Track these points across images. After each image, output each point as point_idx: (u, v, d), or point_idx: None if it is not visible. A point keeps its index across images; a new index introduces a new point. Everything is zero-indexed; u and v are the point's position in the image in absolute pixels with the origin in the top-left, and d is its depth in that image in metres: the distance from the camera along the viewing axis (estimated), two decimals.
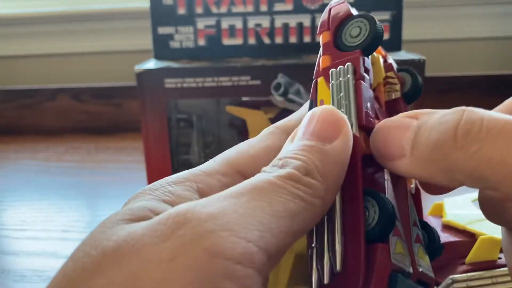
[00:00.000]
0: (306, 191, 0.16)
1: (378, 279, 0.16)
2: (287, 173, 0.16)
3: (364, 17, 0.20)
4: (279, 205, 0.15)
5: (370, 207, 0.17)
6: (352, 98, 0.18)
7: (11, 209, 0.61)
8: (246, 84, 0.54)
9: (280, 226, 0.15)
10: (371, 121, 0.18)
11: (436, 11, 0.92)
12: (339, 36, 0.21)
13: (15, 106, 0.96)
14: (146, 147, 0.55)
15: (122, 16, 0.94)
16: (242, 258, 0.14)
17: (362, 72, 0.19)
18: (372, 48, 0.20)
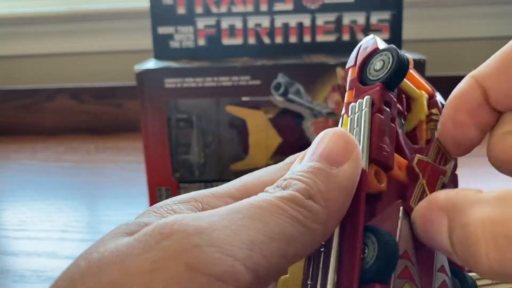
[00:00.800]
0: (307, 216, 0.15)
1: None
2: (289, 195, 0.16)
3: (388, 50, 0.20)
4: (276, 227, 0.15)
5: (370, 244, 0.16)
6: (366, 130, 0.18)
7: (11, 209, 0.61)
8: (246, 84, 0.54)
9: (273, 248, 0.15)
10: (385, 155, 0.18)
11: (436, 11, 0.92)
12: (364, 71, 0.20)
13: (15, 106, 0.96)
14: (146, 147, 0.55)
15: (122, 16, 0.94)
16: (225, 276, 0.14)
17: (381, 106, 0.18)
18: (395, 80, 0.19)
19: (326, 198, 0.16)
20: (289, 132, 0.58)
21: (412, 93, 0.21)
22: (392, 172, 0.18)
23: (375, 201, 0.17)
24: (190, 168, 0.60)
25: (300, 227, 0.15)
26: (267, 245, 0.15)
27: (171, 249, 0.14)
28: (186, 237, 0.14)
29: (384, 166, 0.18)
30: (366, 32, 0.60)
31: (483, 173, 0.65)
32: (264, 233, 0.15)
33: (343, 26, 0.60)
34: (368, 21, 0.60)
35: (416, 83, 0.22)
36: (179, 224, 0.14)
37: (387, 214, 0.18)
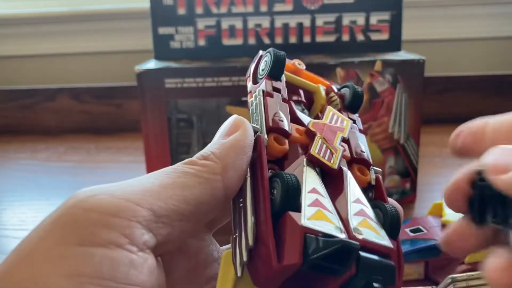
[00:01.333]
0: (200, 170, 0.19)
1: (290, 241, 0.17)
2: (187, 160, 0.20)
3: (267, 52, 0.25)
4: (168, 179, 0.19)
5: (276, 185, 0.19)
6: (261, 110, 0.22)
7: (11, 209, 0.61)
8: (246, 84, 0.54)
9: (169, 194, 0.18)
10: (280, 123, 0.22)
11: (436, 11, 0.92)
12: (256, 76, 0.26)
13: (15, 106, 0.96)
14: (146, 147, 0.55)
15: (122, 16, 0.94)
16: (120, 212, 0.16)
17: (269, 91, 0.23)
18: (276, 70, 0.24)
19: (219, 156, 0.20)
20: None
21: (309, 87, 0.27)
22: (293, 137, 0.22)
23: (282, 161, 0.21)
24: None
25: (195, 178, 0.19)
26: (162, 191, 0.18)
27: (70, 203, 0.17)
28: (85, 193, 0.17)
29: (281, 132, 0.22)
30: (366, 32, 0.60)
31: None
32: (157, 184, 0.18)
33: (343, 27, 0.60)
34: (367, 21, 0.60)
35: (312, 79, 0.28)
36: (82, 189, 0.18)
37: (293, 166, 0.22)
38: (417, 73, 0.54)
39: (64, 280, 0.15)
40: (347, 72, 0.54)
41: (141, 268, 0.16)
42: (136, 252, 0.16)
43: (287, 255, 0.17)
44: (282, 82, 0.25)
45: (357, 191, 0.21)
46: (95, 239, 0.16)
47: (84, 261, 0.15)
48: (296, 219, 0.17)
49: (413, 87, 0.54)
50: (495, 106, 0.89)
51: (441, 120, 0.84)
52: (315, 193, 0.19)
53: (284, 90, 0.25)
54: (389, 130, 0.55)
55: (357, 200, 0.21)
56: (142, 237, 0.17)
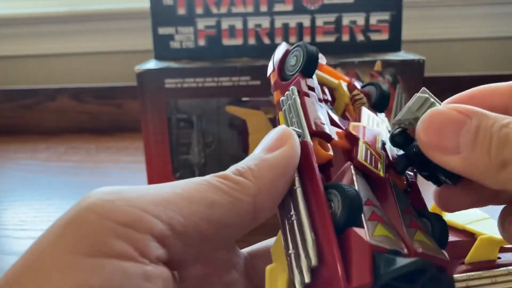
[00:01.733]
0: (233, 187, 0.18)
1: (358, 260, 0.16)
2: (221, 174, 0.18)
3: (297, 46, 0.23)
4: (195, 193, 0.17)
5: (334, 198, 0.17)
6: (300, 112, 0.20)
7: (11, 209, 0.61)
8: (246, 84, 0.54)
9: (192, 210, 0.17)
10: (322, 126, 0.20)
11: (436, 11, 0.92)
12: (283, 71, 0.23)
13: (15, 106, 0.96)
14: (146, 147, 0.55)
15: (122, 16, 0.94)
16: (133, 224, 0.15)
17: (305, 90, 0.21)
18: (309, 67, 0.22)
19: (256, 175, 0.18)
20: None
21: (331, 84, 0.25)
22: (334, 142, 0.20)
23: (328, 168, 0.20)
24: (190, 168, 0.60)
25: (225, 196, 0.17)
26: (185, 206, 0.17)
27: (84, 205, 0.16)
28: (101, 196, 0.16)
29: (324, 136, 0.20)
30: (366, 32, 0.60)
31: None
32: (183, 197, 0.17)
33: (343, 27, 0.60)
34: (367, 21, 0.60)
35: (333, 75, 0.26)
36: (97, 190, 0.16)
37: (341, 173, 0.20)
38: (417, 73, 0.54)
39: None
40: (347, 72, 0.54)
41: (155, 281, 0.16)
42: (149, 264, 0.16)
43: (356, 275, 0.16)
44: (315, 80, 0.23)
45: (403, 200, 0.20)
46: (106, 249, 0.15)
47: (94, 272, 0.15)
48: (362, 237, 0.16)
49: (413, 87, 0.54)
50: None
51: None
52: (371, 205, 0.18)
53: (318, 89, 0.23)
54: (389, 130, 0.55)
55: (406, 210, 0.20)
56: (156, 251, 0.16)
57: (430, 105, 0.20)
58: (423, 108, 0.20)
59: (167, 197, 0.17)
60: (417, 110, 0.20)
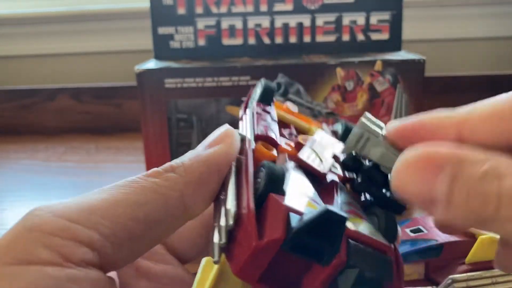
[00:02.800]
0: (159, 184, 0.18)
1: (272, 219, 0.16)
2: (151, 171, 0.19)
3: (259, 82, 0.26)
4: (120, 196, 0.18)
5: (260, 174, 0.18)
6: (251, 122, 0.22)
7: (11, 209, 0.61)
8: (246, 84, 0.54)
9: (118, 212, 0.17)
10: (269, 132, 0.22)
11: (436, 11, 0.92)
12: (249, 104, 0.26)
13: (15, 106, 0.96)
14: (146, 147, 0.55)
15: (122, 16, 0.94)
16: (59, 232, 0.17)
17: (258, 111, 0.24)
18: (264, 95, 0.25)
19: (187, 170, 0.19)
20: None
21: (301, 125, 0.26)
22: (281, 148, 0.21)
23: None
24: None
25: (151, 193, 0.18)
26: (109, 210, 0.17)
27: (21, 221, 0.17)
28: (33, 211, 0.18)
29: (267, 140, 0.21)
30: (366, 32, 0.60)
31: None
32: (108, 200, 0.18)
33: (343, 26, 0.60)
34: (368, 21, 0.60)
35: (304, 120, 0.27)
36: (36, 208, 0.18)
37: None
38: (417, 73, 0.54)
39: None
40: (347, 72, 0.54)
41: (81, 283, 0.16)
42: (75, 267, 0.16)
43: (268, 231, 0.16)
44: (273, 108, 0.25)
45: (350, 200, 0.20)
46: (32, 257, 0.16)
47: (18, 277, 0.16)
48: (279, 200, 0.16)
49: (413, 87, 0.54)
50: None
51: None
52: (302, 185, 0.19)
53: (275, 115, 0.24)
54: None
55: (348, 203, 0.20)
56: (83, 255, 0.17)
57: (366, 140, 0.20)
58: (360, 144, 0.20)
59: (92, 204, 0.17)
60: (354, 146, 0.21)
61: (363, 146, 0.20)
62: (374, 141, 0.20)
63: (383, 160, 0.20)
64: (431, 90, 0.86)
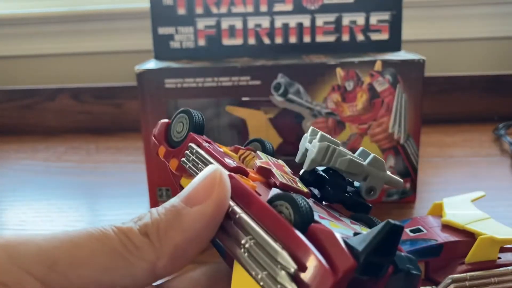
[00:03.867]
0: (132, 251, 0.16)
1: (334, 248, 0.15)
2: (126, 228, 0.16)
3: (182, 112, 0.25)
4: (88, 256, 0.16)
5: (282, 208, 0.17)
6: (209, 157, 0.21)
7: (11, 209, 0.61)
8: (246, 84, 0.54)
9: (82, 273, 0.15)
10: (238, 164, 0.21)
11: (436, 11, 0.92)
12: (170, 141, 0.25)
13: (15, 106, 0.96)
14: (146, 147, 0.55)
15: (122, 16, 0.94)
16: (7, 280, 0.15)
17: (204, 143, 0.23)
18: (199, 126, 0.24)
19: (162, 238, 0.16)
20: (289, 132, 0.58)
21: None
22: (251, 176, 0.21)
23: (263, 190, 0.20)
24: None
25: (120, 260, 0.16)
26: (73, 269, 0.15)
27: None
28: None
29: (241, 171, 0.21)
30: (366, 32, 0.60)
31: (483, 174, 0.65)
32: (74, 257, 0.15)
33: (343, 27, 0.60)
34: (367, 21, 0.60)
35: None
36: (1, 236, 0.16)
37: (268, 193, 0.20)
38: (417, 73, 0.54)
39: None
40: (347, 72, 0.54)
41: None
42: None
43: (339, 261, 0.15)
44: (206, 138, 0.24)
45: (333, 211, 0.22)
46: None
47: None
48: (326, 229, 0.16)
49: (413, 87, 0.54)
50: (495, 106, 0.89)
51: (441, 120, 0.84)
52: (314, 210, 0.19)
53: (210, 141, 0.24)
54: (389, 130, 0.55)
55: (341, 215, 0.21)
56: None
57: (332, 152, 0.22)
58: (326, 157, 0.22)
59: (56, 256, 0.16)
60: (321, 160, 0.22)
61: (329, 159, 0.21)
62: (340, 152, 0.21)
63: (350, 168, 0.21)
64: (431, 90, 0.86)
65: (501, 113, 0.87)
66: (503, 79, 0.90)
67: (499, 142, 0.77)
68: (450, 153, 0.72)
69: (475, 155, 0.71)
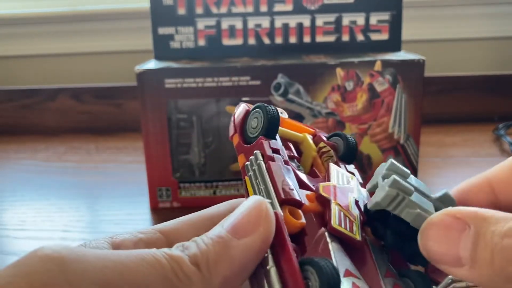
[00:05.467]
0: (182, 279, 0.16)
1: None
2: (177, 255, 0.16)
3: (257, 107, 0.22)
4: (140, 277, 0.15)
5: (310, 276, 0.16)
6: (267, 179, 0.19)
7: (11, 209, 0.61)
8: (246, 84, 0.54)
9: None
10: (293, 193, 0.19)
11: (436, 11, 0.92)
12: (245, 133, 0.23)
13: (15, 106, 0.96)
14: (146, 147, 0.55)
15: (122, 16, 0.94)
16: None
17: (269, 154, 0.20)
18: (271, 129, 0.21)
19: (212, 270, 0.16)
20: None
21: (295, 138, 0.24)
22: (305, 207, 0.19)
23: (302, 237, 0.18)
24: (190, 168, 0.60)
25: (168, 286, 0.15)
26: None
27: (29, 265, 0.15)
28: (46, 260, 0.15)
29: (294, 204, 0.19)
30: (366, 32, 0.60)
31: None
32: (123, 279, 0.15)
33: (343, 27, 0.60)
34: (367, 21, 0.60)
35: (297, 128, 0.25)
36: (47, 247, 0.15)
37: (315, 243, 0.18)
38: (417, 73, 0.54)
39: None
40: (347, 72, 0.54)
41: None
42: None
43: None
44: (278, 141, 0.22)
45: (383, 260, 0.20)
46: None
47: None
48: None
49: (413, 87, 0.54)
50: (495, 106, 0.89)
51: (441, 120, 0.84)
52: (351, 276, 0.18)
53: (283, 150, 0.22)
54: (389, 130, 0.55)
55: (387, 274, 0.19)
56: None
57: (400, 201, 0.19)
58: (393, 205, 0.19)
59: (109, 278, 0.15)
60: (387, 206, 0.19)
61: (396, 206, 0.19)
62: (408, 203, 0.19)
63: (416, 222, 0.19)
64: (431, 90, 0.86)
65: (501, 113, 0.87)
66: (503, 79, 0.90)
67: (499, 142, 0.77)
68: (450, 153, 0.72)
69: (475, 155, 0.71)
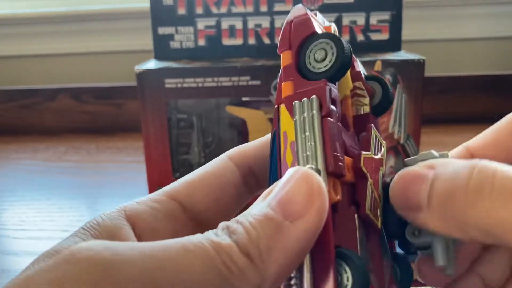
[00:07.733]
0: (234, 272, 0.14)
1: None
2: (227, 245, 0.14)
3: (330, 38, 0.18)
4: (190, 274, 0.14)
5: (343, 271, 0.15)
6: (319, 141, 0.16)
7: (11, 209, 0.61)
8: (246, 84, 0.54)
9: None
10: (341, 166, 0.16)
11: (436, 11, 0.92)
12: (301, 57, 0.18)
13: (15, 106, 0.96)
14: (146, 147, 0.55)
15: (122, 16, 0.94)
16: None
17: (329, 107, 0.17)
18: (340, 75, 0.18)
19: (266, 259, 0.14)
20: None
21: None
22: (345, 177, 0.17)
23: (332, 213, 0.16)
24: (190, 168, 0.60)
25: (222, 282, 0.14)
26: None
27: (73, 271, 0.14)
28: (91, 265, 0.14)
29: (339, 176, 0.16)
30: (366, 32, 0.60)
31: None
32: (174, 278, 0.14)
33: (343, 27, 0.60)
34: (367, 21, 0.60)
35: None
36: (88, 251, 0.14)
37: (346, 228, 0.17)
38: (417, 73, 0.54)
39: None
40: None
41: None
42: None
43: None
44: (337, 85, 0.18)
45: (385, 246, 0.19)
46: None
47: None
48: None
49: (413, 87, 0.54)
50: (495, 106, 0.89)
51: (441, 120, 0.84)
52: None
53: (338, 99, 0.18)
54: (389, 130, 0.55)
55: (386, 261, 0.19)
56: None
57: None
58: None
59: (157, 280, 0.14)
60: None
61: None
62: None
63: None
64: (431, 90, 0.86)
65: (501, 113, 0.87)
66: (503, 79, 0.90)
67: None
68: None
69: None
